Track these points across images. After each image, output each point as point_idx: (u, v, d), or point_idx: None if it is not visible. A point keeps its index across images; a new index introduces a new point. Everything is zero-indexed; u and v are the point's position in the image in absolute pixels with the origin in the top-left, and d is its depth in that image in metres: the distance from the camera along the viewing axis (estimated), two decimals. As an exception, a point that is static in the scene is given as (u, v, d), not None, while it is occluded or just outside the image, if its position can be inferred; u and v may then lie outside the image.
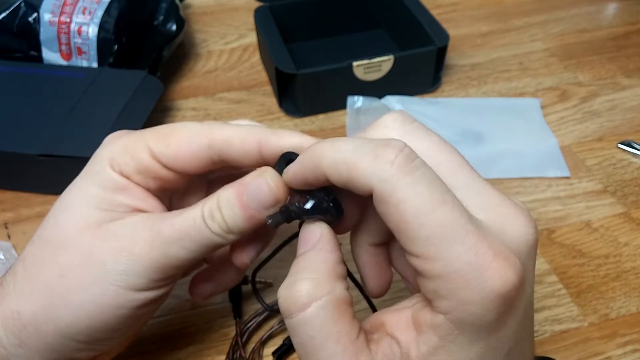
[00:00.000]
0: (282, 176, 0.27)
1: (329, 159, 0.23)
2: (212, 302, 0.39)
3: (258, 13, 0.60)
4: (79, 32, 0.54)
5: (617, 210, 0.46)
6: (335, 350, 0.22)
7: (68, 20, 0.54)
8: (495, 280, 0.20)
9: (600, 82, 0.59)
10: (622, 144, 0.52)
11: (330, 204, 0.26)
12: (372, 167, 0.22)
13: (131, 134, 0.30)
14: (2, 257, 0.42)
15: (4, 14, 0.54)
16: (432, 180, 0.22)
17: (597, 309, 0.39)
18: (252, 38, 0.67)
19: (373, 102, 0.55)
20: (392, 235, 0.27)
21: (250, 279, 0.37)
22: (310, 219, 0.26)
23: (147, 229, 0.27)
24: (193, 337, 0.38)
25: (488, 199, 0.23)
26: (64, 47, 0.54)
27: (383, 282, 0.28)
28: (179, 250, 0.27)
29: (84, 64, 0.55)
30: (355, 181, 0.22)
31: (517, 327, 0.22)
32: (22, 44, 0.55)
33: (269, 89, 0.59)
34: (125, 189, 0.28)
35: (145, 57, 0.57)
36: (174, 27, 0.59)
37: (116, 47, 0.54)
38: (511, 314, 0.22)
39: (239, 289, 0.39)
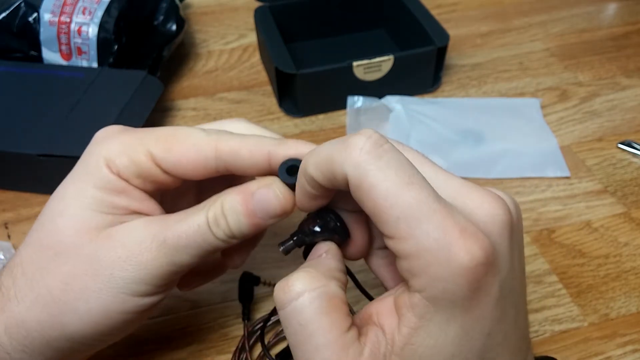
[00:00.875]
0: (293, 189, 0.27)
1: (312, 162, 0.24)
2: (212, 302, 0.39)
3: (258, 13, 0.60)
4: (79, 32, 0.54)
5: (617, 210, 0.46)
6: (325, 340, 0.23)
7: (68, 20, 0.54)
8: (463, 256, 0.21)
9: (600, 82, 0.59)
10: (622, 144, 0.52)
11: (337, 224, 0.27)
12: (343, 156, 0.23)
13: (127, 132, 0.29)
14: (2, 256, 0.42)
15: (4, 14, 0.54)
16: (400, 163, 0.22)
17: (597, 309, 0.39)
18: (252, 38, 0.67)
19: (373, 102, 0.55)
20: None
21: (261, 280, 0.38)
22: (320, 239, 0.27)
23: (152, 236, 0.27)
24: (193, 337, 0.38)
25: (453, 189, 0.24)
26: (64, 47, 0.54)
27: (400, 280, 0.28)
28: (183, 257, 0.27)
29: (84, 64, 0.55)
30: (335, 175, 0.23)
31: (493, 307, 0.23)
32: (22, 44, 0.55)
33: (269, 89, 0.59)
34: (124, 191, 0.28)
35: (145, 57, 0.57)
36: (174, 27, 0.59)
37: (116, 47, 0.54)
38: (483, 291, 0.22)
39: (250, 290, 0.39)
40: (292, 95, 0.56)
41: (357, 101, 0.55)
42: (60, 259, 0.27)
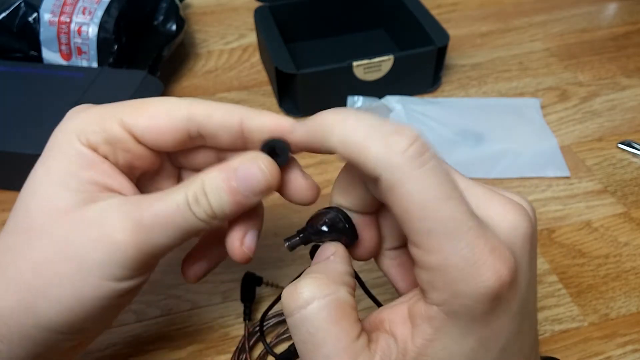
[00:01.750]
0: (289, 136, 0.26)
1: (340, 136, 0.23)
2: (212, 302, 0.39)
3: (258, 13, 0.60)
4: (79, 32, 0.54)
5: (617, 210, 0.46)
6: (334, 349, 0.22)
7: (68, 20, 0.54)
8: (489, 276, 0.21)
9: (600, 82, 0.59)
10: (622, 144, 0.52)
11: (346, 225, 0.26)
12: (383, 155, 0.21)
13: (99, 106, 0.28)
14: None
15: (4, 14, 0.54)
16: (441, 174, 0.22)
17: (597, 308, 0.39)
18: (252, 38, 0.67)
19: (373, 102, 0.55)
20: (395, 239, 0.28)
21: (263, 281, 0.38)
22: (327, 240, 0.27)
23: (126, 215, 0.26)
24: (193, 337, 0.38)
25: (475, 198, 0.23)
26: (64, 47, 0.54)
27: (411, 281, 0.28)
28: (161, 238, 0.26)
29: (84, 64, 0.55)
30: (364, 164, 0.22)
31: (511, 321, 0.22)
32: (22, 44, 0.55)
33: (269, 89, 0.59)
34: (93, 164, 0.27)
35: (145, 57, 0.57)
36: (174, 27, 0.59)
37: (116, 47, 0.54)
38: (503, 308, 0.22)
39: (253, 290, 0.38)
40: (292, 95, 0.56)
41: (357, 101, 0.55)
42: (31, 243, 0.26)
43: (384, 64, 0.54)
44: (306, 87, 0.53)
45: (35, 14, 0.54)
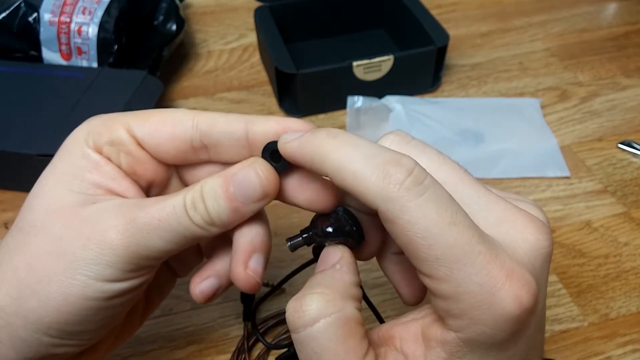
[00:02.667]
0: (281, 146, 0.25)
1: (335, 164, 0.22)
2: (212, 302, 0.39)
3: (258, 13, 0.60)
4: (79, 32, 0.54)
5: (617, 210, 0.46)
6: None
7: (68, 20, 0.54)
8: (509, 302, 0.20)
9: (600, 82, 0.59)
10: (622, 144, 0.52)
11: (354, 228, 0.26)
12: (379, 186, 0.21)
13: (112, 113, 0.28)
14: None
15: (4, 14, 0.54)
16: (442, 200, 0.21)
17: (597, 309, 0.39)
18: (252, 38, 0.67)
19: (373, 102, 0.55)
20: None
21: (264, 281, 0.37)
22: (332, 243, 0.26)
23: (121, 215, 0.25)
24: (193, 337, 0.38)
25: (496, 213, 0.23)
26: (64, 47, 0.54)
27: (416, 288, 0.27)
28: (156, 240, 0.25)
29: (84, 64, 0.55)
30: (361, 196, 0.22)
31: (526, 341, 0.22)
32: (22, 44, 0.55)
33: (269, 89, 0.59)
34: (98, 166, 0.27)
35: (145, 57, 0.57)
36: (174, 27, 0.59)
37: (116, 47, 0.54)
38: (523, 332, 0.22)
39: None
40: (292, 95, 0.56)
41: (357, 101, 0.55)
42: (28, 239, 0.26)
43: (384, 64, 0.54)
44: (306, 87, 0.53)
45: (35, 14, 0.54)
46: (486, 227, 0.22)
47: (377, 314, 0.30)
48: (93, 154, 0.27)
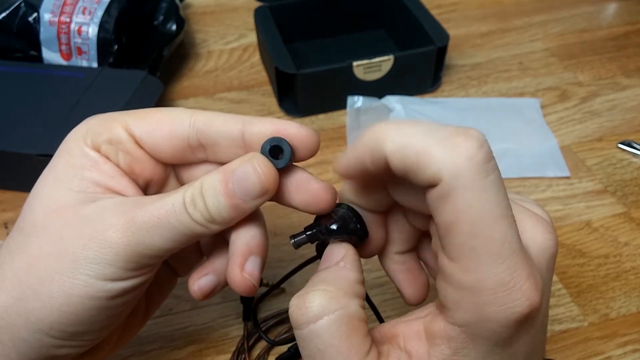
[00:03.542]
0: (336, 169, 0.25)
1: (395, 142, 0.21)
2: (212, 302, 0.39)
3: (258, 13, 0.60)
4: (79, 32, 0.54)
5: (617, 210, 0.46)
6: None
7: (68, 20, 0.54)
8: (522, 302, 0.20)
9: (600, 82, 0.59)
10: (622, 144, 0.52)
11: (358, 225, 0.25)
12: (447, 158, 0.20)
13: (110, 113, 0.28)
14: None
15: (4, 14, 0.54)
16: (502, 188, 0.20)
17: (597, 309, 0.39)
18: (252, 38, 0.67)
19: (373, 102, 0.55)
20: (416, 240, 0.27)
21: (264, 282, 0.37)
22: (336, 240, 0.26)
23: (121, 213, 0.25)
24: (193, 337, 0.38)
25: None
26: (64, 47, 0.54)
27: (418, 287, 0.28)
28: (156, 238, 0.25)
29: (84, 64, 0.55)
30: (422, 170, 0.20)
31: (530, 339, 0.22)
32: (22, 44, 0.55)
33: (269, 89, 0.59)
34: (96, 165, 0.27)
35: (145, 57, 0.57)
36: (174, 27, 0.59)
37: (116, 47, 0.54)
38: (527, 331, 0.22)
39: None
40: (292, 95, 0.56)
41: (357, 101, 0.55)
42: (28, 240, 0.26)
43: (384, 64, 0.54)
44: (306, 87, 0.53)
45: (35, 14, 0.54)
46: None
47: (378, 313, 0.30)
48: (92, 152, 0.27)
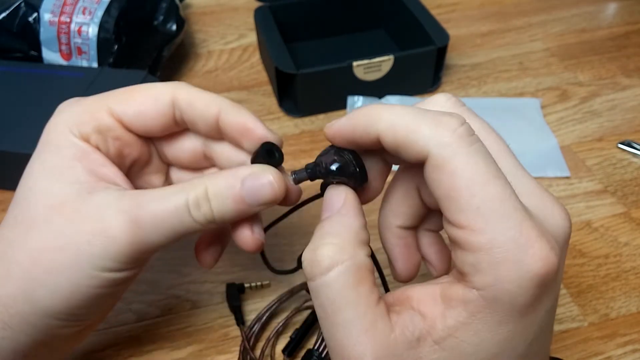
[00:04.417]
0: (326, 130, 0.26)
1: (387, 120, 0.23)
2: (212, 302, 0.39)
3: (258, 13, 0.60)
4: (79, 32, 0.54)
5: (617, 210, 0.46)
6: (354, 314, 0.23)
7: (68, 20, 0.54)
8: (537, 260, 0.21)
9: (600, 82, 0.59)
10: (622, 144, 0.52)
11: (357, 169, 0.26)
12: (433, 132, 0.22)
13: (88, 98, 0.29)
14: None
15: (4, 14, 0.54)
16: (488, 155, 0.22)
17: (597, 309, 0.39)
18: (252, 38, 0.67)
19: (373, 102, 0.55)
20: (421, 219, 0.28)
21: (245, 286, 0.37)
22: (335, 181, 0.26)
23: (124, 212, 0.26)
24: (193, 337, 0.38)
25: (530, 187, 0.24)
26: (64, 47, 0.54)
27: (411, 265, 0.28)
28: (156, 237, 0.27)
29: (84, 64, 0.55)
30: (411, 145, 0.22)
31: (542, 317, 0.22)
32: (22, 44, 0.55)
33: (269, 89, 0.59)
34: (85, 154, 0.28)
35: (145, 57, 0.57)
36: (174, 27, 0.60)
37: (116, 47, 0.54)
38: (542, 300, 0.22)
39: (237, 298, 0.39)
40: (292, 95, 0.56)
41: (357, 101, 0.55)
42: (30, 234, 0.27)
43: (384, 64, 0.54)
44: (306, 87, 0.53)
45: (35, 14, 0.54)
46: (520, 196, 0.23)
47: (384, 280, 0.30)
48: (80, 142, 0.28)
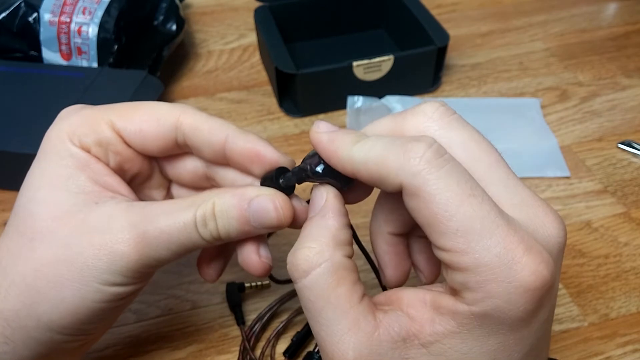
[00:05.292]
0: (310, 135, 0.26)
1: (358, 158, 0.23)
2: (212, 302, 0.39)
3: (258, 13, 0.60)
4: (79, 32, 0.54)
5: (617, 210, 0.46)
6: (335, 314, 0.23)
7: (68, 20, 0.54)
8: (527, 275, 0.20)
9: (600, 82, 0.59)
10: (622, 144, 0.52)
11: None
12: (401, 162, 0.22)
13: (90, 107, 0.29)
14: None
15: (4, 14, 0.54)
16: (461, 174, 0.22)
17: (597, 309, 0.39)
18: (252, 38, 0.67)
19: (373, 102, 0.55)
20: (412, 227, 0.28)
21: (245, 285, 0.38)
22: (321, 182, 0.26)
23: (131, 227, 0.26)
24: (193, 337, 0.38)
25: (521, 197, 0.23)
26: (64, 47, 0.54)
27: (401, 272, 0.28)
28: (163, 252, 0.27)
29: (84, 64, 0.55)
30: (386, 178, 0.22)
31: (538, 329, 0.22)
32: (22, 44, 0.55)
33: (269, 89, 0.59)
34: (87, 164, 0.28)
35: (145, 57, 0.57)
36: (174, 27, 0.59)
37: (116, 47, 0.54)
38: (538, 313, 0.22)
39: (237, 297, 0.39)
40: (292, 95, 0.56)
41: (357, 101, 0.55)
42: (33, 245, 0.26)
43: (384, 64, 0.54)
44: (306, 87, 0.53)
45: (35, 14, 0.54)
46: (510, 207, 0.23)
47: (378, 274, 0.30)
48: (81, 152, 0.28)
